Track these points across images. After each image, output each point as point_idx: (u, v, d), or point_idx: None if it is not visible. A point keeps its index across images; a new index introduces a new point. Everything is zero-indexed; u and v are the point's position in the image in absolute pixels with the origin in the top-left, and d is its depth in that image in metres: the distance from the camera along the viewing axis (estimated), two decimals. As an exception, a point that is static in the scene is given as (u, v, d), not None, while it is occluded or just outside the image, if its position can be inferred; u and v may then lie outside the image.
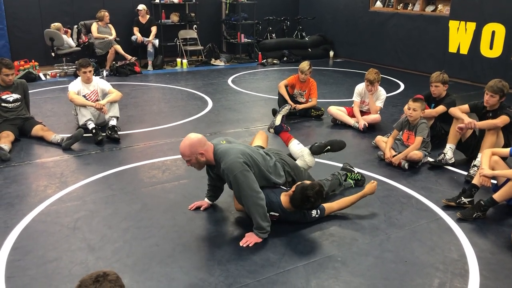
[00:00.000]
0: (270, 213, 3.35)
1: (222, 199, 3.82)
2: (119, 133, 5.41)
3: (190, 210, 3.72)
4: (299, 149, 3.99)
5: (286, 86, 6.43)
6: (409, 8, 9.90)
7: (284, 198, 3.39)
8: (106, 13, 9.31)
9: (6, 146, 4.86)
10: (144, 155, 4.94)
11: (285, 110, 4.27)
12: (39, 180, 4.29)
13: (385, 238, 3.37)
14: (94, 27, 9.27)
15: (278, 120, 4.19)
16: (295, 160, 3.96)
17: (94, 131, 5.29)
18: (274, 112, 6.21)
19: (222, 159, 3.22)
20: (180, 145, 3.33)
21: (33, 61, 8.86)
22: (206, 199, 3.78)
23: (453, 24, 8.83)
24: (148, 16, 9.93)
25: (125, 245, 3.23)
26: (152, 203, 3.86)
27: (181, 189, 4.13)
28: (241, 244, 3.22)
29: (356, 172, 4.26)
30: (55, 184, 4.18)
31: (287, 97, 6.30)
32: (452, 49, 8.93)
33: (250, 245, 3.22)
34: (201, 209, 3.72)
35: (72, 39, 9.17)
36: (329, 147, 4.07)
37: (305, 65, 6.29)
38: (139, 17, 9.85)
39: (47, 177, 4.36)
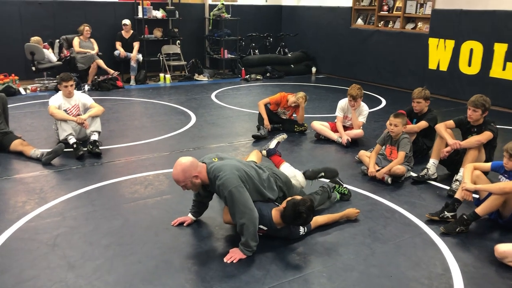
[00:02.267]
0: (259, 226, 3.32)
1: (206, 214, 3.77)
2: (100, 148, 5.33)
3: (173, 226, 3.66)
4: (291, 171, 4.01)
5: (268, 104, 6.42)
6: (389, 26, 10.08)
7: (275, 213, 3.36)
8: (87, 28, 9.26)
9: (-16, 161, 4.74)
10: (126, 170, 4.87)
11: (281, 137, 4.37)
12: (17, 196, 4.18)
13: (369, 253, 3.35)
14: (76, 41, 9.20)
15: (273, 144, 4.25)
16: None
17: (75, 146, 5.20)
18: (258, 128, 6.22)
19: (217, 176, 3.20)
20: (172, 172, 3.27)
21: (13, 75, 8.73)
22: (190, 215, 3.71)
23: (432, 42, 9.01)
24: (131, 31, 9.91)
25: (107, 262, 3.15)
26: (134, 219, 3.79)
27: (164, 204, 4.06)
28: (225, 260, 3.18)
29: (344, 186, 4.26)
30: (34, 200, 4.08)
31: (265, 116, 6.29)
32: (432, 65, 9.10)
33: (234, 261, 3.17)
34: (185, 224, 3.66)
35: (54, 54, 9.07)
36: (323, 173, 4.13)
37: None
38: (123, 31, 9.81)
39: (25, 192, 4.25)
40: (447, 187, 4.56)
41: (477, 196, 3.95)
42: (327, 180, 4.30)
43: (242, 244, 3.23)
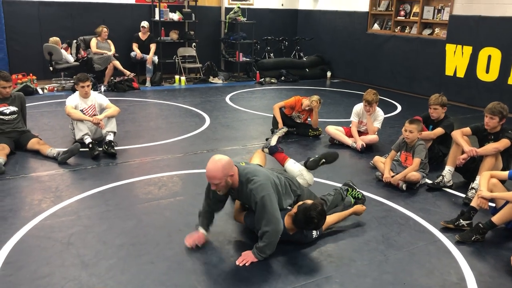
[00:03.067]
0: None
1: (217, 216, 3.76)
2: (115, 148, 5.37)
3: (186, 228, 3.65)
4: (297, 169, 3.96)
5: (282, 108, 6.41)
6: (406, 31, 10.02)
7: (287, 218, 3.35)
8: (105, 29, 9.36)
9: (1, 159, 4.81)
10: (140, 170, 4.90)
11: (281, 132, 4.27)
12: (33, 194, 4.23)
13: (383, 260, 3.32)
14: (93, 42, 9.31)
15: (273, 141, 4.14)
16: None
17: (90, 145, 5.25)
18: (273, 131, 6.21)
19: (250, 180, 3.16)
20: (209, 168, 3.12)
21: (31, 74, 8.85)
22: (200, 229, 3.42)
23: (449, 48, 8.92)
24: (148, 33, 9.99)
25: (120, 261, 3.17)
26: (147, 220, 3.81)
27: (177, 206, 4.08)
28: (237, 263, 3.17)
29: (357, 190, 4.22)
30: (49, 198, 4.13)
31: (279, 120, 6.28)
32: (449, 72, 9.01)
33: (246, 264, 3.17)
34: (200, 245, 3.35)
35: (71, 55, 9.18)
36: (323, 160, 4.04)
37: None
38: (140, 33, 9.90)
39: (41, 191, 4.30)
40: (463, 195, 4.50)
41: (493, 204, 3.89)
42: (340, 184, 4.28)
43: (257, 248, 3.20)
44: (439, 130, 5.18)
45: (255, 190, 3.13)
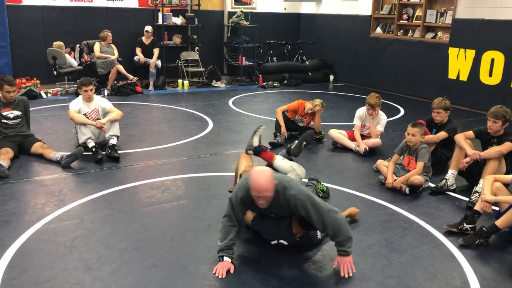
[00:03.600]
0: (279, 241, 3.32)
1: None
2: (119, 152, 5.38)
3: (189, 232, 3.66)
4: (288, 164, 3.91)
5: (285, 112, 6.42)
6: (409, 35, 10.02)
7: (293, 222, 3.35)
8: (109, 34, 9.40)
9: (5, 163, 4.83)
10: (143, 174, 4.91)
11: (261, 130, 4.16)
12: (37, 198, 4.24)
13: (386, 264, 3.32)
14: (97, 46, 9.34)
15: (256, 141, 4.02)
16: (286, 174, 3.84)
17: (94, 149, 5.27)
18: (275, 135, 6.22)
19: (287, 187, 3.07)
20: (260, 182, 2.97)
21: (34, 79, 8.89)
22: (226, 258, 3.14)
23: (452, 51, 8.92)
24: (152, 38, 10.02)
25: (123, 265, 3.17)
26: (150, 223, 3.81)
27: (180, 209, 4.08)
28: (345, 275, 3.07)
29: (322, 184, 4.23)
30: (53, 202, 4.14)
31: (282, 124, 6.27)
32: (452, 75, 9.00)
33: (353, 269, 3.10)
34: (232, 271, 3.12)
35: (75, 59, 9.22)
36: (305, 142, 4.10)
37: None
38: (143, 37, 9.94)
39: (45, 194, 4.31)
40: (466, 199, 4.49)
41: (497, 208, 3.88)
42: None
43: (341, 245, 3.08)
44: (442, 134, 5.17)
45: (298, 195, 3.02)
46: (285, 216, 3.31)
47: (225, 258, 3.12)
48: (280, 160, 3.94)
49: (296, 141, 4.05)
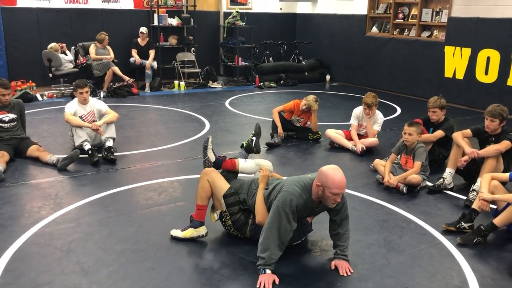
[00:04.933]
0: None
1: (217, 223, 3.73)
2: (115, 154, 5.36)
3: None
4: (253, 163, 3.77)
5: (282, 112, 6.40)
6: (405, 34, 10.02)
7: None
8: (107, 36, 9.36)
9: (1, 167, 4.80)
10: (140, 176, 4.89)
11: (210, 143, 3.83)
12: (33, 201, 4.22)
13: (385, 263, 3.31)
14: (92, 48, 9.31)
15: (211, 156, 3.76)
16: (254, 174, 3.75)
17: (90, 152, 5.24)
18: (272, 136, 6.20)
19: None
20: (342, 178, 2.99)
21: (30, 81, 8.85)
22: (268, 271, 3.03)
23: (448, 50, 8.93)
24: (147, 39, 10.00)
25: (120, 268, 3.15)
26: (148, 226, 3.79)
27: (178, 211, 4.06)
28: (344, 274, 3.13)
29: (248, 140, 4.07)
30: (49, 206, 4.11)
31: (279, 124, 6.25)
32: (448, 74, 9.01)
33: (351, 270, 3.16)
34: (277, 282, 3.04)
35: (70, 54, 9.21)
36: (259, 136, 4.06)
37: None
38: (139, 39, 9.91)
39: (41, 198, 4.29)
40: (464, 197, 4.49)
41: (494, 206, 3.87)
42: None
43: (347, 252, 3.26)
44: (439, 133, 5.17)
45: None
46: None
47: (267, 271, 3.02)
48: (243, 163, 3.79)
49: (250, 138, 3.98)
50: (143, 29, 9.86)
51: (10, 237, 3.53)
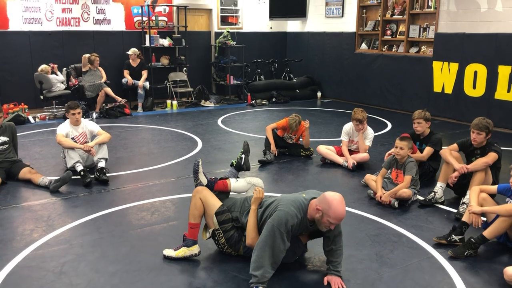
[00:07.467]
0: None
1: (208, 241, 3.73)
2: (107, 174, 5.37)
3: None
4: (245, 182, 3.78)
5: (275, 129, 6.46)
6: (393, 50, 10.18)
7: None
8: (97, 58, 9.42)
9: (-7, 190, 4.79)
10: (132, 196, 4.90)
11: (200, 166, 3.77)
12: (25, 224, 4.20)
13: (377, 278, 3.32)
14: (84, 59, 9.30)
15: (203, 179, 3.72)
16: (246, 192, 3.77)
17: (82, 173, 5.24)
18: (265, 153, 6.24)
19: None
20: (343, 210, 3.09)
21: (22, 104, 8.87)
22: None
23: (436, 65, 9.08)
24: (139, 60, 10.08)
25: (113, 289, 3.15)
26: (140, 246, 3.79)
27: (170, 231, 4.07)
28: None
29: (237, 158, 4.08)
30: (41, 228, 4.10)
31: (272, 142, 6.31)
32: (437, 88, 9.14)
33: (344, 286, 3.19)
34: None
35: (61, 74, 9.25)
36: (247, 154, 4.05)
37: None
38: (130, 60, 9.99)
39: (33, 220, 4.28)
40: (454, 210, 4.53)
41: (484, 218, 3.91)
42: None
43: (336, 266, 3.28)
44: (429, 150, 5.24)
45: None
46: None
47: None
48: (234, 182, 3.78)
49: (239, 156, 4.01)
50: (131, 51, 9.92)
51: (1, 261, 3.51)
